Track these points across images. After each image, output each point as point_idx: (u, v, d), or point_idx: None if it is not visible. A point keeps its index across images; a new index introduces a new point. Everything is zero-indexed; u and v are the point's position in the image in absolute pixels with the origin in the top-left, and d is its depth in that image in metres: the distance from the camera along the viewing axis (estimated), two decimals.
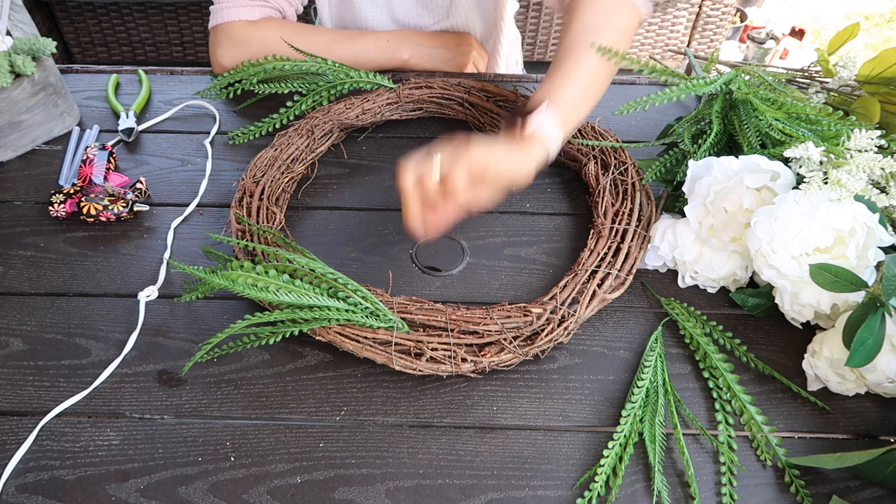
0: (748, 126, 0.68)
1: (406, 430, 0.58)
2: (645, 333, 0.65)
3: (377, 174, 0.80)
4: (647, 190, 0.73)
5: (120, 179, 0.76)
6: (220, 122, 0.86)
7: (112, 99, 0.88)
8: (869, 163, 0.59)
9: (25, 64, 0.74)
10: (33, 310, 0.65)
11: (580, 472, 0.55)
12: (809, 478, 0.55)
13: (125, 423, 0.57)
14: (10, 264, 0.69)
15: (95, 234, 0.73)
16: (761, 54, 2.35)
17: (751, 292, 0.66)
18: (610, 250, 0.67)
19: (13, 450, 0.55)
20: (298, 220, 0.75)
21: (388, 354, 0.59)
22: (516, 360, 0.60)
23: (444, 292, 0.68)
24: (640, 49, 2.05)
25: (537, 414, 0.59)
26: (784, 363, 0.62)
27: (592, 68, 0.67)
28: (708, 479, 0.55)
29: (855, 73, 0.73)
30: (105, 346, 0.63)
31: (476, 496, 0.54)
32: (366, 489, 0.54)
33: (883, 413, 0.59)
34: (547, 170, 0.81)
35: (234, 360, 0.62)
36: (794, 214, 0.57)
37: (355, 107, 0.82)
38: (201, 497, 0.53)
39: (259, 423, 0.58)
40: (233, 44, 0.87)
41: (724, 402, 0.59)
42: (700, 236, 0.65)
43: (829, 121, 0.65)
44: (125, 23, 1.95)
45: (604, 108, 0.89)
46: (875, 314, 0.53)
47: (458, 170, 0.57)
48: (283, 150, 0.77)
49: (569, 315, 0.62)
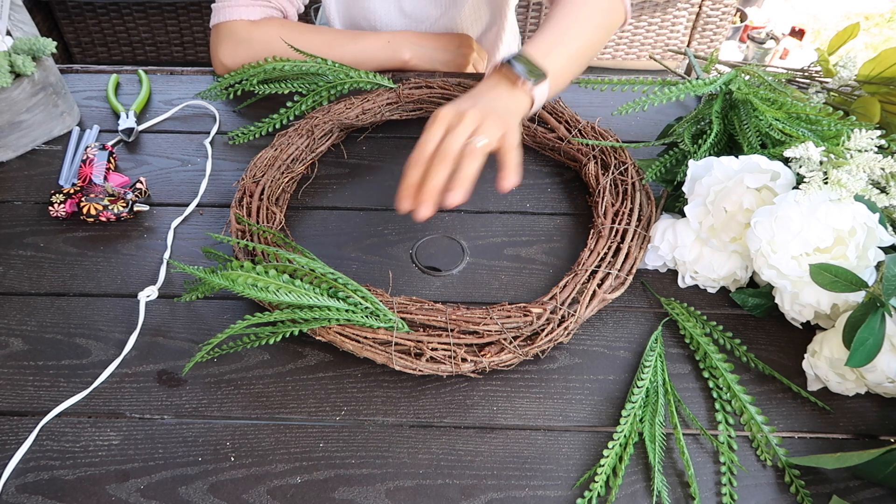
0: (748, 126, 0.68)
1: (406, 430, 0.58)
2: (645, 333, 0.65)
3: (377, 174, 0.80)
4: (647, 190, 0.73)
5: (120, 179, 0.76)
6: (220, 122, 0.86)
7: (112, 99, 0.88)
8: (869, 163, 0.59)
9: (25, 64, 0.74)
10: (33, 310, 0.65)
11: (580, 472, 0.55)
12: (809, 478, 0.55)
13: (125, 423, 0.57)
14: (10, 264, 0.69)
15: (95, 234, 0.73)
16: (761, 54, 2.35)
17: (751, 292, 0.66)
18: (610, 250, 0.67)
19: (13, 450, 0.55)
20: (298, 220, 0.75)
21: (388, 354, 0.59)
22: (516, 360, 0.60)
23: (444, 292, 0.68)
24: (640, 49, 2.05)
25: (537, 414, 0.59)
26: (784, 363, 0.62)
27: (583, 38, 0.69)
28: (708, 479, 0.55)
29: (855, 73, 0.73)
30: (105, 346, 0.63)
31: (476, 496, 0.54)
32: (366, 489, 0.54)
33: (883, 413, 0.59)
34: (547, 170, 0.81)
35: (234, 360, 0.62)
36: (794, 214, 0.57)
37: (355, 107, 0.82)
38: (201, 497, 0.53)
39: (259, 423, 0.58)
40: (234, 43, 0.87)
41: (724, 402, 0.59)
42: (700, 236, 0.65)
43: (829, 121, 0.65)
44: (125, 23, 1.95)
45: (604, 108, 0.89)
46: (875, 314, 0.53)
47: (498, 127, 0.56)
48: (283, 150, 0.77)
49: (569, 315, 0.62)
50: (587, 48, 0.70)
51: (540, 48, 0.65)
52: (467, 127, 0.55)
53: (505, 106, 0.60)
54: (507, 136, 0.57)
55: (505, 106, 0.60)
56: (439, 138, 0.55)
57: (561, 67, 0.66)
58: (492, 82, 0.62)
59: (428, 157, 0.54)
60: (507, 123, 0.58)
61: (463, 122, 0.55)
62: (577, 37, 0.69)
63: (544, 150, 0.83)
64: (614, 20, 0.74)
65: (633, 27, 1.98)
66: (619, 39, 2.03)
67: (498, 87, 0.61)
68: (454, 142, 0.54)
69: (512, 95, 0.61)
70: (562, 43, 0.67)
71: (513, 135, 0.57)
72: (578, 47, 0.69)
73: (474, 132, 0.56)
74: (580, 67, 0.71)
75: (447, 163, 0.54)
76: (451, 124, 0.55)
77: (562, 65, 0.67)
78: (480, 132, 0.55)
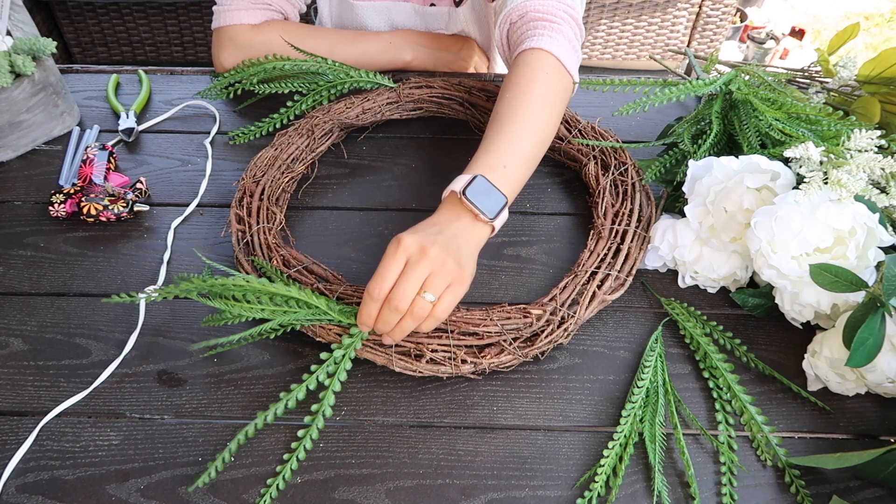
0: (748, 126, 0.68)
1: (406, 430, 0.58)
2: (645, 333, 0.65)
3: (377, 174, 0.80)
4: (647, 190, 0.73)
5: (120, 179, 0.76)
6: (220, 122, 0.86)
7: (112, 99, 0.88)
8: (869, 163, 0.59)
9: (25, 64, 0.74)
10: (33, 310, 0.65)
11: (580, 472, 0.55)
12: (809, 478, 0.55)
13: (125, 423, 0.57)
14: (10, 264, 0.69)
15: (95, 234, 0.73)
16: (761, 54, 2.35)
17: (751, 292, 0.66)
18: (610, 251, 0.67)
19: (13, 450, 0.55)
20: (298, 220, 0.75)
21: (388, 356, 0.59)
22: (516, 361, 0.60)
23: None
24: (640, 49, 2.05)
25: (537, 414, 0.59)
26: (784, 363, 0.62)
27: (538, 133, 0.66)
28: (708, 479, 0.55)
29: (855, 73, 0.73)
30: (105, 346, 0.63)
31: (476, 496, 0.54)
32: (366, 489, 0.54)
33: (883, 413, 0.59)
34: (547, 170, 0.81)
35: (234, 360, 0.62)
36: (794, 214, 0.57)
37: (355, 106, 0.82)
38: (201, 497, 0.53)
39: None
40: (235, 48, 0.87)
41: (724, 402, 0.59)
42: (700, 236, 0.65)
43: (829, 121, 0.65)
44: (125, 23, 1.94)
45: (604, 109, 0.89)
46: (875, 314, 0.53)
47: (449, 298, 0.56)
48: (283, 149, 0.77)
49: (568, 316, 0.62)
50: (543, 142, 0.68)
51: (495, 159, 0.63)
52: (423, 271, 0.55)
53: (466, 241, 0.59)
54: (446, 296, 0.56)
55: (466, 241, 0.59)
56: (398, 272, 0.55)
57: (518, 176, 0.65)
58: (454, 213, 0.60)
59: (384, 294, 0.55)
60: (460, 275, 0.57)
61: (422, 263, 0.55)
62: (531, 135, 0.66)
63: None
64: (565, 95, 0.71)
65: (633, 27, 1.98)
66: (619, 39, 2.03)
67: (461, 220, 0.60)
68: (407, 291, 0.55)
69: (474, 228, 0.60)
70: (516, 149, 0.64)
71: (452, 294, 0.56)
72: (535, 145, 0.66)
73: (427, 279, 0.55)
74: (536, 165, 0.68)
75: (397, 315, 0.55)
76: (410, 259, 0.55)
77: (519, 173, 0.65)
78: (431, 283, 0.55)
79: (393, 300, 0.54)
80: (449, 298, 0.56)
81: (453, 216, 0.60)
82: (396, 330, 0.56)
